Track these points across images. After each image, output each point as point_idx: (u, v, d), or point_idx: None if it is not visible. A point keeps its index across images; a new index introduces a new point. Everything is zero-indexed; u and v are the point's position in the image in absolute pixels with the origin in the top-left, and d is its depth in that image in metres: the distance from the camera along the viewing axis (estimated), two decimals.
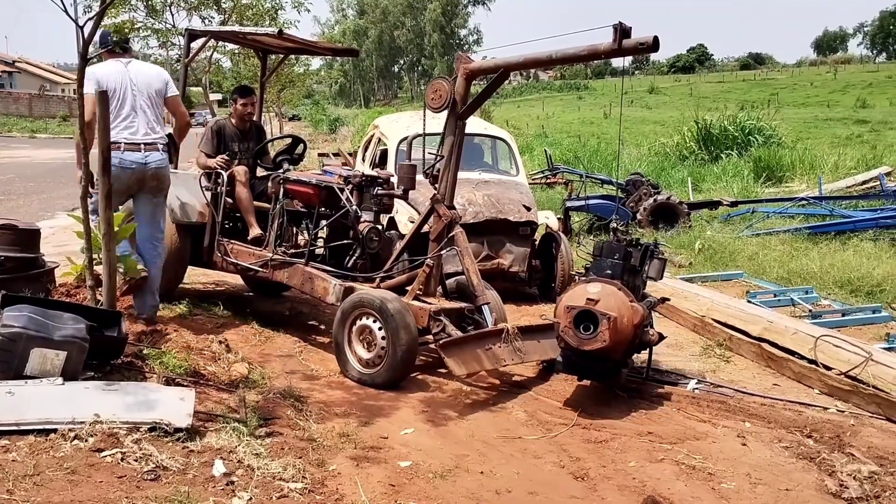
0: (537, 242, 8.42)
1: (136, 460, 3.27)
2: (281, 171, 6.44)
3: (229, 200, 6.52)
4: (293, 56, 20.98)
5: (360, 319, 5.39)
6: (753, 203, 12.89)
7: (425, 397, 5.12)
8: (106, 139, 4.67)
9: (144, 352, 4.68)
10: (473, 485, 3.82)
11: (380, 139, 9.06)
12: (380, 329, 5.24)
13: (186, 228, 6.49)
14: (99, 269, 4.84)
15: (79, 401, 3.61)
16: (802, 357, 5.66)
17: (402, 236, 6.46)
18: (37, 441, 3.32)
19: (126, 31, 6.02)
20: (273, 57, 8.24)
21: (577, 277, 5.66)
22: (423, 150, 6.24)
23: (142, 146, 5.49)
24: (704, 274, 8.87)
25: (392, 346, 5.16)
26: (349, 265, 6.06)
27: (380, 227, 6.18)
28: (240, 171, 6.50)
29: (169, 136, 5.87)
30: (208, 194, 6.49)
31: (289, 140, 7.02)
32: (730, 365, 6.07)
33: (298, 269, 6.05)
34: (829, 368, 5.42)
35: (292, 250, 6.25)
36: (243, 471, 3.45)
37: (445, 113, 5.65)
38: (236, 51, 16.60)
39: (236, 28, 7.87)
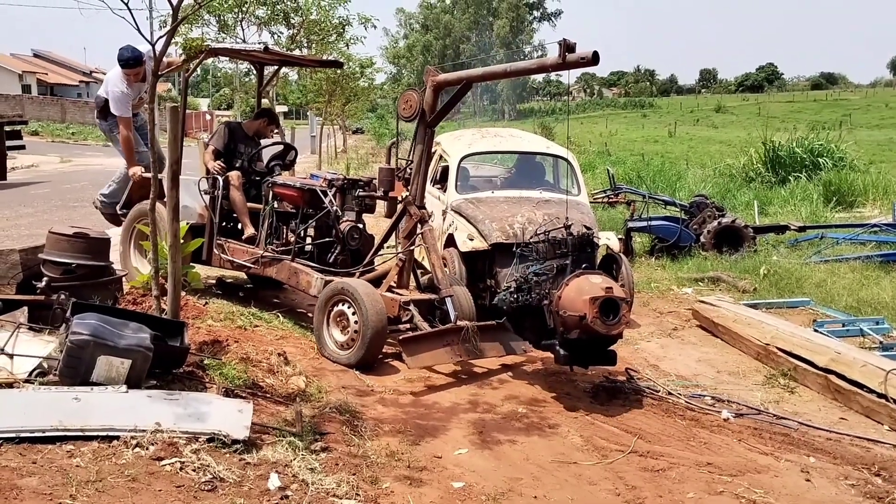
0: (598, 263, 8.31)
1: (194, 470, 3.34)
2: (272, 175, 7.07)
3: (226, 203, 7.04)
4: (358, 71, 21.43)
5: (337, 306, 5.92)
6: (822, 228, 12.50)
7: (478, 418, 5.09)
8: (176, 152, 4.80)
9: (205, 362, 4.77)
10: None
11: (441, 156, 9.10)
12: (353, 313, 5.76)
13: (187, 229, 6.85)
14: (164, 279, 4.97)
15: (141, 409, 3.71)
16: (872, 391, 5.44)
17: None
18: (100, 447, 3.41)
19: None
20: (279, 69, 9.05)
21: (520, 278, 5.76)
22: (392, 156, 7.05)
23: None
24: (769, 300, 8.64)
25: (363, 329, 5.64)
26: (331, 261, 6.57)
27: (360, 225, 6.69)
28: (234, 175, 6.99)
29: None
30: (206, 198, 6.99)
31: (281, 147, 7.72)
32: (794, 396, 5.89)
33: (285, 265, 6.60)
34: None
35: (281, 248, 6.77)
36: (298, 485, 3.48)
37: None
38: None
39: (228, 45, 8.50)
